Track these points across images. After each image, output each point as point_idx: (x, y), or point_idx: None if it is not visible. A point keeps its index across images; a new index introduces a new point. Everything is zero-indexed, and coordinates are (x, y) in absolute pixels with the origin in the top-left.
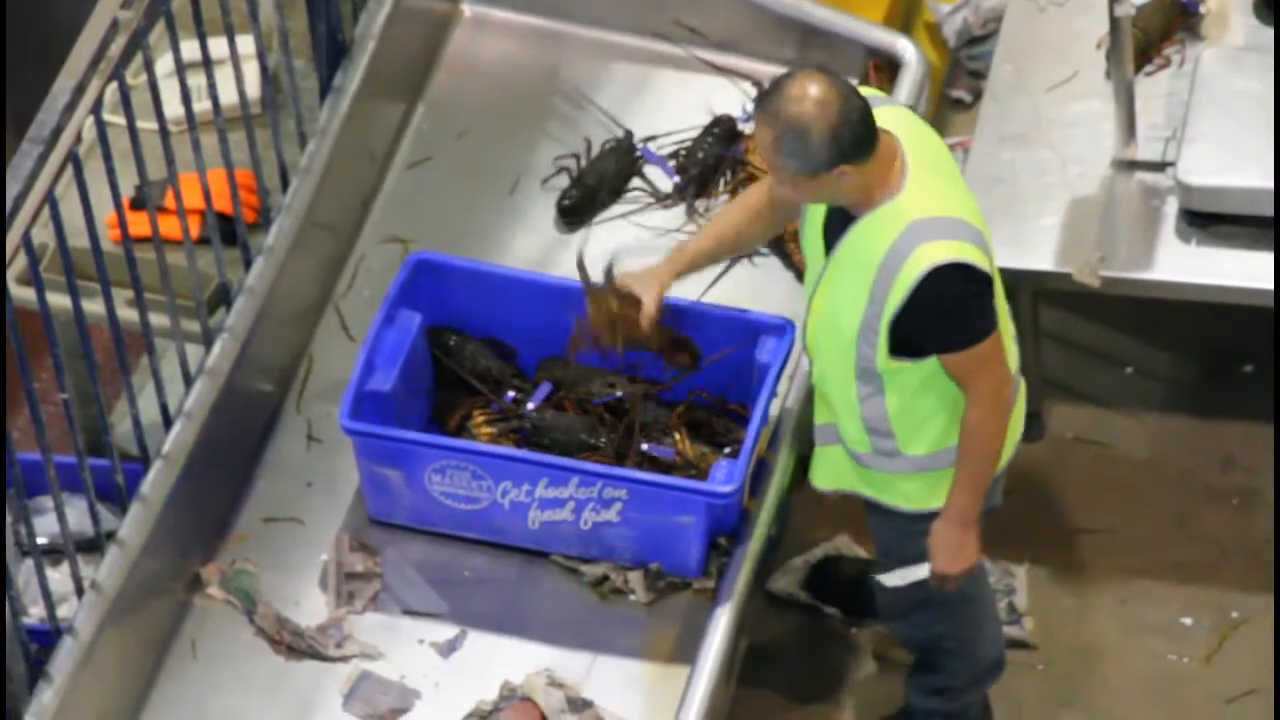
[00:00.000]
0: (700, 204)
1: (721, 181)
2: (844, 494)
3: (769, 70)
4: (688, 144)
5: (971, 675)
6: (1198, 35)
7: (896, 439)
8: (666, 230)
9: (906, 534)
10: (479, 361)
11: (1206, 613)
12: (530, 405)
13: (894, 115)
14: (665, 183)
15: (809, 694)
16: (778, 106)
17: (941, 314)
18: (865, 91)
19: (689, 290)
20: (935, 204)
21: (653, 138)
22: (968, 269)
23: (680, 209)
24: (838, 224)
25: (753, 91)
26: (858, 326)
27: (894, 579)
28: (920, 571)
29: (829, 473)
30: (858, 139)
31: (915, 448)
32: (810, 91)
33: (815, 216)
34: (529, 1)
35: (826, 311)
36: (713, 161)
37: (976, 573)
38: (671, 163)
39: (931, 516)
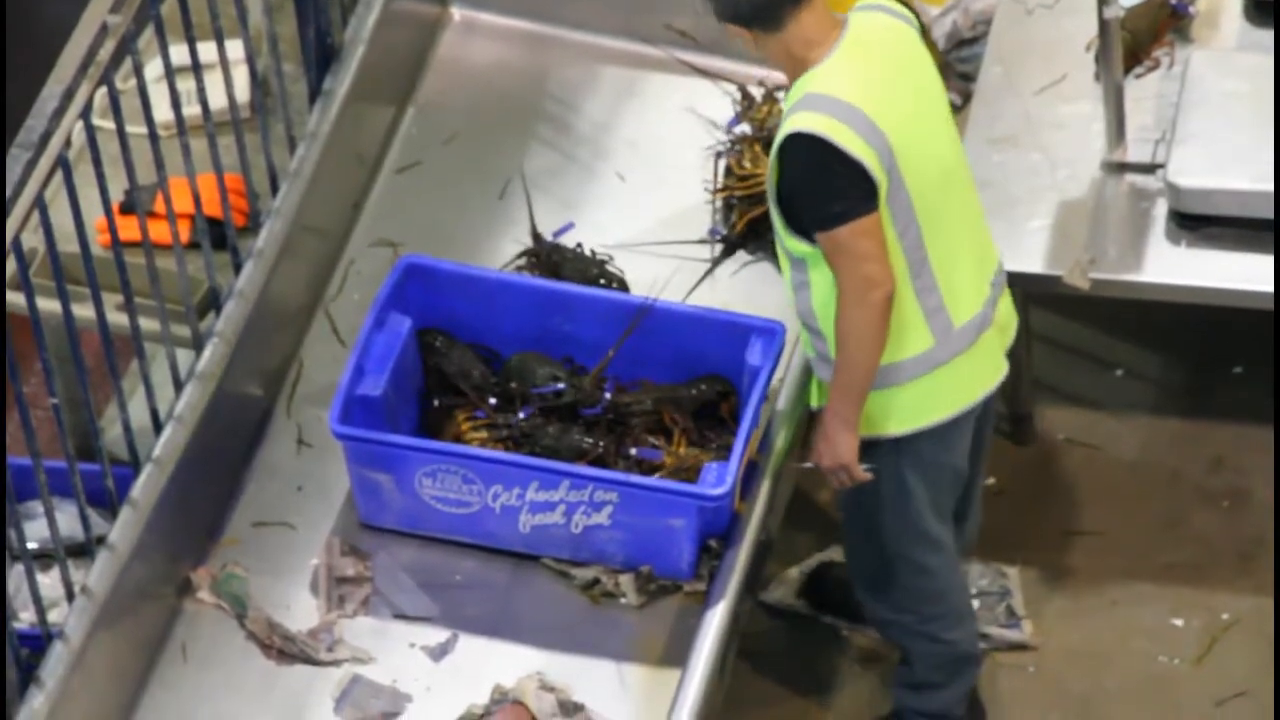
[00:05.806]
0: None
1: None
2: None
3: (757, 74)
4: None
5: (944, 664)
6: (1187, 37)
7: (825, 338)
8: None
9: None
10: (465, 366)
11: (1197, 614)
12: (521, 415)
13: (874, 20)
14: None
15: (800, 696)
16: None
17: (797, 183)
18: None
19: (675, 293)
20: (837, 85)
21: None
22: (822, 142)
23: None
24: None
25: (739, 95)
26: (773, 201)
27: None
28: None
29: (816, 391)
30: (754, 8)
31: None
32: None
33: None
34: (518, 5)
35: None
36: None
37: (881, 499)
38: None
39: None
